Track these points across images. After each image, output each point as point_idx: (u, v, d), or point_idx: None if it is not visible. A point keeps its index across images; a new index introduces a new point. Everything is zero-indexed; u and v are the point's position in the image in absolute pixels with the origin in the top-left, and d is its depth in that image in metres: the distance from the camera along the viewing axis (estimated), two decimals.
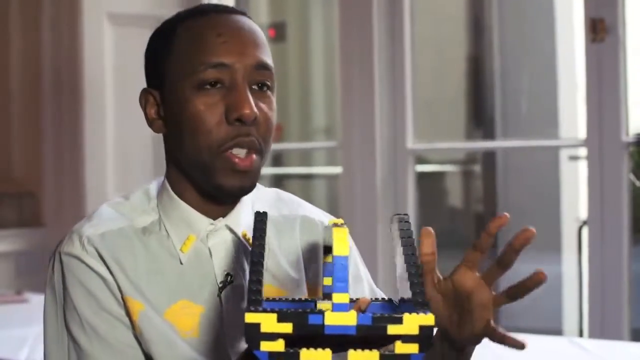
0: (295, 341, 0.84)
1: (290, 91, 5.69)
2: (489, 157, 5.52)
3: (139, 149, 3.90)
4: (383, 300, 1.02)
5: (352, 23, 3.60)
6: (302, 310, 0.85)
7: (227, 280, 1.23)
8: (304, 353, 0.83)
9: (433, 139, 4.48)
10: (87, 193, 3.83)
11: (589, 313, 3.19)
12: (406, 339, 0.84)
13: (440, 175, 5.78)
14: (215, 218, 1.24)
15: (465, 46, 5.88)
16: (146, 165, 3.92)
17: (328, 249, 1.02)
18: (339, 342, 0.86)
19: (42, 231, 4.03)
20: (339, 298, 0.84)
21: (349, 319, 0.84)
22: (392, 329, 0.83)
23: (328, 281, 1.02)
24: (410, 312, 0.84)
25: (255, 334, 0.83)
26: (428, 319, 0.84)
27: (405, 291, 0.95)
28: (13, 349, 2.42)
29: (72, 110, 3.88)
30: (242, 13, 1.25)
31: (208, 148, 1.17)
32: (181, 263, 1.23)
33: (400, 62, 3.59)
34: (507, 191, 5.52)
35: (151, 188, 1.30)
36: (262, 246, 0.95)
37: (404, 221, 1.02)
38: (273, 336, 0.83)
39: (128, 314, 1.20)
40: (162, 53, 1.23)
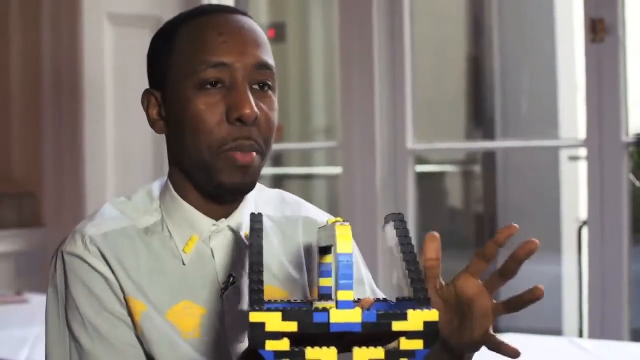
0: (297, 341, 0.83)
1: (290, 91, 5.68)
2: (489, 157, 5.52)
3: (139, 149, 3.90)
4: (385, 300, 1.01)
5: (352, 23, 3.60)
6: (307, 308, 0.84)
7: (230, 281, 1.23)
8: (309, 351, 0.82)
9: (433, 139, 4.47)
10: (87, 193, 3.83)
11: (589, 313, 3.18)
12: (411, 335, 0.83)
13: (440, 175, 5.77)
14: (217, 219, 1.24)
15: (465, 46, 5.87)
16: (146, 165, 3.92)
17: (323, 250, 1.02)
18: (341, 342, 0.85)
19: (42, 231, 4.03)
20: (344, 295, 0.83)
21: (354, 316, 0.83)
22: (397, 325, 0.83)
23: (324, 282, 1.01)
24: (414, 309, 0.84)
25: (260, 333, 0.82)
26: (432, 315, 0.84)
27: (405, 290, 0.94)
28: (13, 349, 2.42)
29: (72, 110, 3.88)
30: (243, 13, 1.25)
31: (209, 147, 1.17)
32: (183, 264, 1.23)
33: (400, 62, 3.59)
34: (507, 191, 5.51)
35: (154, 188, 1.29)
36: (260, 246, 0.94)
37: (400, 220, 1.01)
38: (278, 335, 0.82)
39: (130, 314, 1.19)
40: (164, 53, 1.23)
